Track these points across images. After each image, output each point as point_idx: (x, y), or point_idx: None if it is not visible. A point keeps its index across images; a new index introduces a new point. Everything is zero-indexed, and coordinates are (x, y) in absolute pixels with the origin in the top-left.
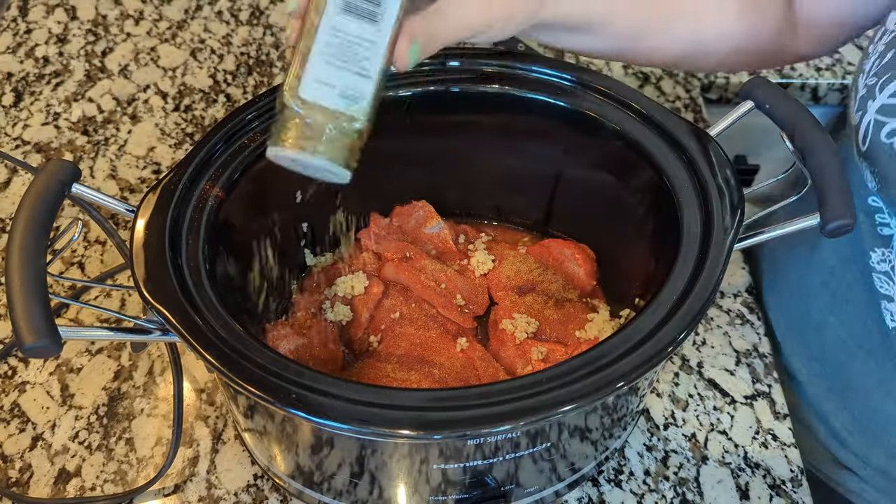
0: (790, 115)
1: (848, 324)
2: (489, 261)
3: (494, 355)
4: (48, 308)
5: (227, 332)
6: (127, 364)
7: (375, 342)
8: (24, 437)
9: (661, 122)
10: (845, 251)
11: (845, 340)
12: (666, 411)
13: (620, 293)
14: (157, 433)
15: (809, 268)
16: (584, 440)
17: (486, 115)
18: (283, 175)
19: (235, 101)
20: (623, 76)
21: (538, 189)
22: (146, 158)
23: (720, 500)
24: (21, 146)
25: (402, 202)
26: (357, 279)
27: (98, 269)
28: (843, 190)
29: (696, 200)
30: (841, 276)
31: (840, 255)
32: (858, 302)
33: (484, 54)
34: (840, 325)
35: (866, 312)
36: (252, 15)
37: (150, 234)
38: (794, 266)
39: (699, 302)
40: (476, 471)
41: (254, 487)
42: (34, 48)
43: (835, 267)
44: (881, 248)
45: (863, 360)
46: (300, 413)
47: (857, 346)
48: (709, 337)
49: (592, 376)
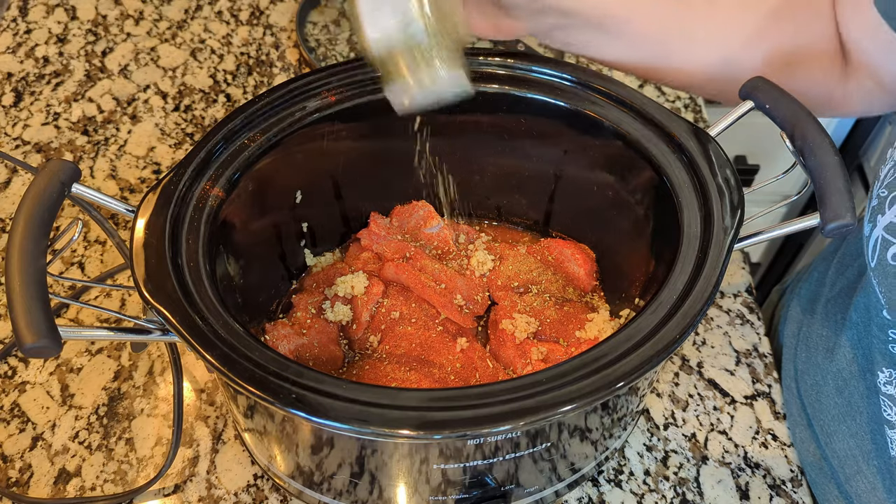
0: (790, 115)
1: (857, 437)
2: (489, 261)
3: (494, 355)
4: (48, 308)
5: (227, 332)
6: (127, 364)
7: (375, 342)
8: (24, 437)
9: (661, 122)
10: (860, 362)
11: (854, 454)
12: (666, 411)
13: (620, 293)
14: (157, 433)
15: (826, 372)
16: (584, 440)
17: (486, 115)
18: (283, 175)
19: (235, 101)
20: (623, 76)
21: (538, 189)
22: (146, 158)
23: (720, 500)
24: (21, 146)
25: (402, 202)
26: (357, 279)
27: (98, 269)
28: (843, 190)
29: (696, 200)
30: (854, 387)
31: (855, 365)
32: (867, 418)
33: (484, 54)
34: (850, 436)
35: (873, 433)
36: (252, 15)
37: (150, 234)
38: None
39: (699, 302)
40: (476, 471)
41: (254, 487)
42: (34, 48)
43: (849, 377)
44: (889, 369)
45: (870, 478)
46: (300, 413)
47: (864, 461)
48: (709, 337)
49: (592, 376)
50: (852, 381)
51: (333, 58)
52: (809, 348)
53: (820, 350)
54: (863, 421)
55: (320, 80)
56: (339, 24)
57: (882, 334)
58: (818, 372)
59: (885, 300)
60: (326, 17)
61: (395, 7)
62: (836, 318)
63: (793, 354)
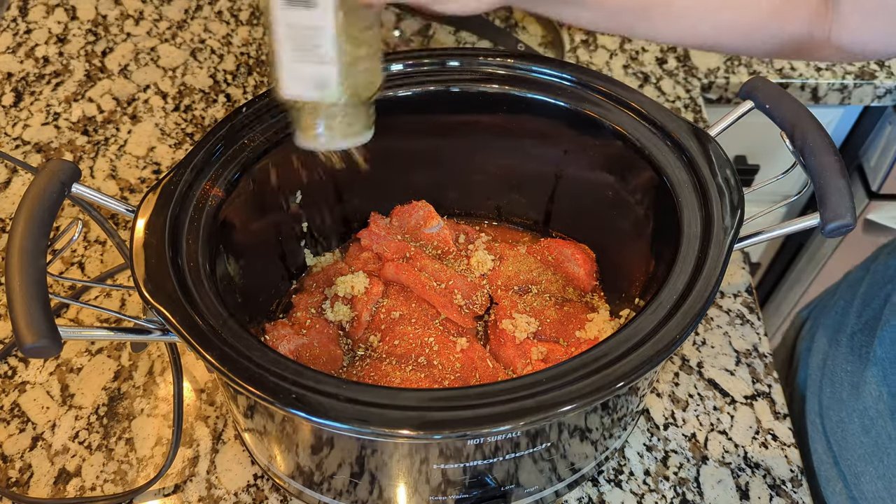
0: (790, 115)
1: (886, 478)
2: (489, 261)
3: (494, 355)
4: (48, 308)
5: (227, 332)
6: (127, 364)
7: (375, 342)
8: (24, 437)
9: (661, 122)
10: (887, 401)
11: (883, 495)
12: (666, 411)
13: (620, 293)
14: (157, 433)
15: (852, 410)
16: (584, 440)
17: (486, 115)
18: (283, 175)
19: (235, 101)
20: (623, 76)
21: (538, 189)
22: (146, 158)
23: (720, 500)
24: (21, 146)
25: (402, 202)
26: (357, 279)
27: (98, 269)
28: (843, 190)
29: (696, 200)
30: (881, 427)
31: (881, 404)
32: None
33: (484, 54)
34: (878, 477)
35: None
36: (252, 15)
37: (150, 234)
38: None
39: (699, 302)
40: (476, 471)
41: (254, 487)
42: (34, 48)
43: (875, 415)
44: None
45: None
46: (300, 413)
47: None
48: (709, 337)
49: (592, 376)
50: (879, 420)
51: None
52: (834, 384)
53: (845, 386)
54: (891, 462)
55: None
56: None
57: None
58: (843, 409)
59: None
60: None
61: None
62: (862, 352)
63: (818, 388)
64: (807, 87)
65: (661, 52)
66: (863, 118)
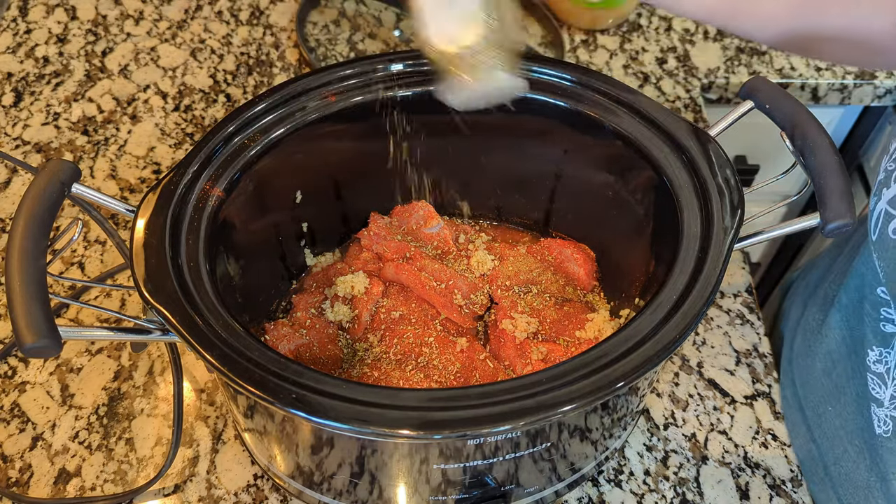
0: (790, 115)
1: (843, 416)
2: (489, 261)
3: (494, 355)
4: (48, 308)
5: (227, 332)
6: (127, 364)
7: (375, 342)
8: (24, 437)
9: (661, 122)
10: (848, 343)
11: (840, 434)
12: (666, 411)
13: (620, 293)
14: (157, 433)
15: (815, 354)
16: (584, 440)
17: (486, 115)
18: (283, 175)
19: (235, 101)
20: (623, 76)
21: (538, 189)
22: (146, 158)
23: (720, 500)
24: (21, 146)
25: (402, 202)
26: (357, 279)
27: (98, 269)
28: (843, 190)
29: (696, 200)
30: (842, 367)
31: (843, 347)
32: (854, 397)
33: None
34: (836, 416)
35: (858, 411)
36: (252, 15)
37: (150, 234)
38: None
39: (699, 302)
40: (476, 471)
41: (254, 487)
42: (34, 48)
43: (837, 358)
44: (879, 347)
45: (853, 457)
46: (300, 413)
47: (849, 441)
48: (709, 337)
49: (592, 376)
50: (841, 361)
51: (333, 58)
52: (806, 332)
53: (814, 333)
54: (848, 400)
55: (320, 80)
56: (339, 24)
57: (874, 312)
58: (809, 354)
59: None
60: (326, 17)
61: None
62: (830, 299)
63: (791, 339)
64: (807, 87)
65: (661, 52)
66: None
